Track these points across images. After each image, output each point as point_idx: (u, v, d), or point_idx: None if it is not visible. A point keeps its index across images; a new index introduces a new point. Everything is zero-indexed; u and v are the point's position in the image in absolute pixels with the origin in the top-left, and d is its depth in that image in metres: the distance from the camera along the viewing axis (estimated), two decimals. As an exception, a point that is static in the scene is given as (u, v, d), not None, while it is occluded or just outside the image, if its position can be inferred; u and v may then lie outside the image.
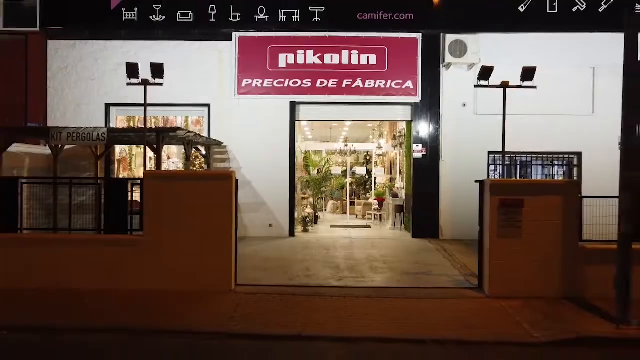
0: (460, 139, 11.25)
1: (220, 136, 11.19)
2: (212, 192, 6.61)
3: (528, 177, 11.71)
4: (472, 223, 11.30)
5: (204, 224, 6.55)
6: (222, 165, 11.40)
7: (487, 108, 11.11)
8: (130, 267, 6.55)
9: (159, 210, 6.54)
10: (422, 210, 11.31)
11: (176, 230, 6.53)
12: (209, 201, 6.57)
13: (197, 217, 6.54)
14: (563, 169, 12.40)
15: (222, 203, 6.60)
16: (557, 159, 11.76)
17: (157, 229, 6.54)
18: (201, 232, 6.54)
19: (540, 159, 11.67)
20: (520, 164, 11.68)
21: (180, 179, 6.77)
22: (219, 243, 6.61)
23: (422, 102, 11.27)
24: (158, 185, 6.60)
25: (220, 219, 6.60)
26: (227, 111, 11.35)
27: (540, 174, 11.84)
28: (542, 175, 11.81)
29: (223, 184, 6.67)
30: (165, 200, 6.56)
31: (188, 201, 6.54)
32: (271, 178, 11.34)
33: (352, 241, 10.96)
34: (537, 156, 11.56)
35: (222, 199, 6.61)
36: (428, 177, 11.29)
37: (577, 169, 11.40)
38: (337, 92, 11.27)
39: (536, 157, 11.61)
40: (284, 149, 11.39)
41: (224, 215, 6.61)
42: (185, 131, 7.79)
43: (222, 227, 6.62)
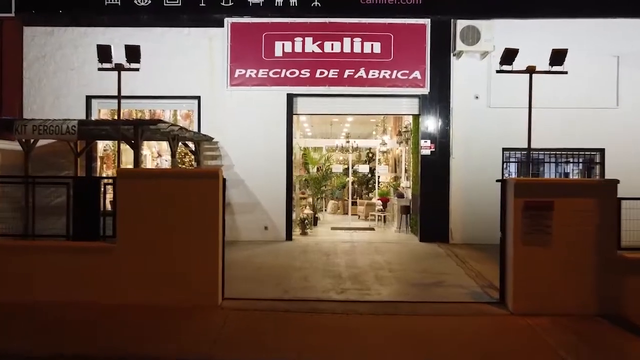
0: (472, 134, 10.48)
1: (211, 131, 10.42)
2: (196, 192, 5.85)
3: (540, 176, 10.94)
4: (485, 226, 10.57)
5: (186, 229, 5.80)
6: (212, 162, 10.63)
7: (502, 100, 10.36)
8: (101, 278, 5.80)
9: (134, 214, 5.79)
10: (431, 212, 10.54)
11: (154, 236, 5.78)
12: (192, 203, 5.82)
13: (178, 222, 5.79)
14: (579, 166, 11.65)
15: (208, 205, 5.85)
16: (578, 156, 10.99)
17: (131, 235, 5.79)
18: (183, 239, 5.79)
19: (558, 156, 10.91)
20: (532, 161, 10.90)
21: (159, 178, 6.01)
22: (203, 251, 5.85)
23: (430, 94, 10.49)
24: (133, 185, 5.84)
25: (205, 223, 5.85)
26: (219, 104, 10.58)
27: (554, 172, 11.07)
28: (555, 174, 11.03)
29: (208, 183, 5.91)
30: (142, 202, 5.80)
31: (168, 203, 5.79)
32: (266, 177, 10.58)
33: (355, 245, 10.20)
34: (554, 153, 10.79)
35: (207, 200, 5.86)
36: (437, 175, 10.52)
37: (600, 167, 10.62)
38: (338, 84, 10.50)
39: (554, 154, 10.84)
40: (280, 145, 10.62)
41: (209, 218, 5.86)
42: (168, 124, 7.03)
43: (207, 232, 5.87)
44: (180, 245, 5.79)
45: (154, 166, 13.75)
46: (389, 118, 15.14)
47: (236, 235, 10.54)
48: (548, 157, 10.95)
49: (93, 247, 5.85)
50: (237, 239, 10.50)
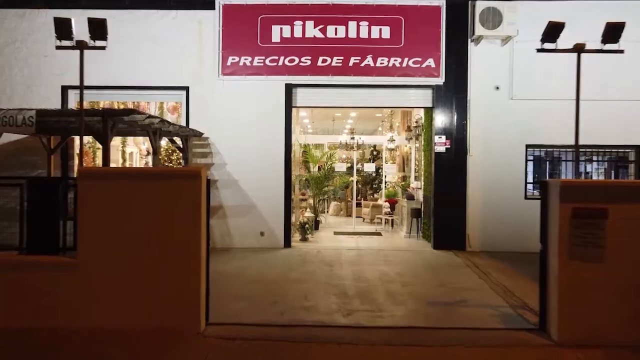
0: (492, 130, 9.53)
1: (200, 125, 9.49)
2: (174, 195, 4.92)
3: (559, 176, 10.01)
4: (506, 231, 9.64)
5: (162, 239, 4.87)
6: (202, 160, 9.70)
7: (525, 91, 9.42)
8: (59, 300, 4.87)
9: (99, 222, 4.86)
10: (445, 215, 9.60)
11: (123, 248, 4.85)
12: (169, 208, 4.89)
13: (152, 231, 4.87)
14: (604, 165, 10.71)
15: (188, 210, 4.91)
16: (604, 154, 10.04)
17: (95, 248, 4.86)
18: (158, 251, 4.86)
19: (580, 153, 9.93)
20: (550, 160, 9.96)
21: (130, 179, 5.07)
22: (182, 266, 4.92)
23: (445, 84, 9.55)
24: (98, 187, 4.90)
25: (185, 233, 4.92)
26: (209, 95, 9.65)
27: (573, 172, 10.09)
28: (574, 174, 10.05)
29: (189, 184, 4.97)
30: (109, 207, 4.87)
31: (140, 208, 4.87)
32: (263, 176, 9.65)
33: (361, 253, 9.27)
34: (574, 150, 9.79)
35: (188, 204, 4.92)
36: (452, 175, 9.58)
37: (635, 166, 9.67)
38: (342, 72, 9.56)
39: (573, 152, 9.84)
40: (278, 141, 9.69)
41: (190, 226, 4.92)
42: (144, 115, 6.09)
43: (187, 243, 4.93)
44: (155, 259, 4.86)
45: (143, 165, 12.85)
46: (396, 113, 14.21)
47: (229, 242, 9.63)
48: (565, 155, 9.97)
49: (49, 262, 4.93)
50: (230, 246, 9.59)
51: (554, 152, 9.85)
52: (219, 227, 9.65)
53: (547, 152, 9.81)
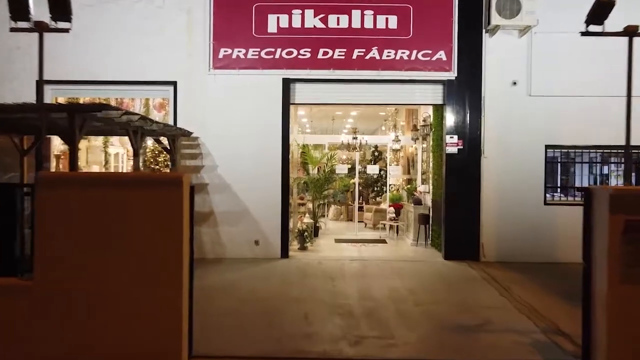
0: (509, 129, 8.83)
1: (189, 124, 8.75)
2: (151, 206, 4.16)
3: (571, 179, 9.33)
4: (524, 240, 8.92)
5: (136, 256, 4.11)
6: (191, 162, 8.96)
7: (546, 87, 8.73)
8: (12, 329, 4.12)
9: (60, 237, 4.11)
10: (457, 222, 8.89)
11: (88, 268, 4.09)
12: (145, 221, 4.13)
13: (124, 247, 4.11)
14: (618, 167, 10.00)
15: (167, 223, 4.15)
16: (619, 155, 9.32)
17: (56, 268, 4.10)
18: (131, 272, 4.10)
19: (593, 154, 9.24)
20: (562, 162, 9.25)
21: (99, 186, 4.32)
22: (160, 288, 4.16)
23: (458, 79, 8.84)
24: (60, 196, 4.15)
25: (164, 248, 4.16)
26: (199, 91, 8.92)
27: (587, 174, 9.39)
28: (590, 177, 9.37)
29: (168, 193, 4.21)
30: (73, 219, 4.11)
31: (110, 220, 4.11)
32: (257, 179, 8.92)
33: (365, 264, 8.54)
34: (590, 151, 9.11)
35: (167, 216, 4.15)
36: (465, 178, 8.87)
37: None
38: (345, 66, 8.84)
39: (586, 152, 9.14)
40: (274, 141, 8.96)
41: (169, 242, 4.16)
42: (121, 112, 5.35)
43: (166, 261, 4.17)
44: (128, 280, 4.11)
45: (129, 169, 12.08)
46: (400, 111, 13.49)
47: (221, 251, 8.90)
48: (580, 156, 9.25)
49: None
50: (222, 256, 8.86)
51: (575, 153, 9.13)
52: (209, 236, 8.92)
53: (567, 153, 9.10)
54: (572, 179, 9.50)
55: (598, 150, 9.04)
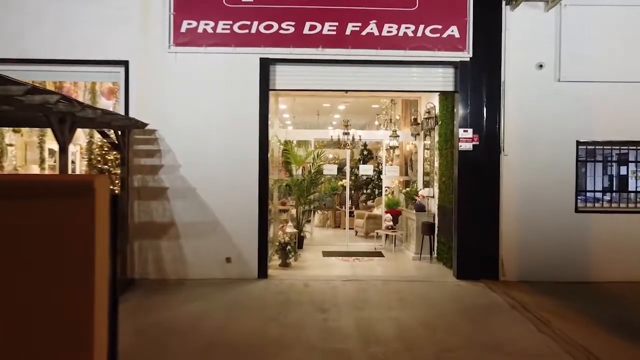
0: (533, 121, 7.52)
1: (145, 113, 7.23)
2: (47, 224, 2.63)
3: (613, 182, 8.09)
4: (552, 254, 7.51)
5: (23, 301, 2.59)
6: (147, 161, 7.42)
7: (578, 71, 7.45)
8: None
9: None
10: (472, 234, 7.54)
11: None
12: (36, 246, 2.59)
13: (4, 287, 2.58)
14: None
15: (70, 249, 2.63)
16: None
17: None
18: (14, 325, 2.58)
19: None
20: (596, 160, 7.99)
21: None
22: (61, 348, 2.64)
23: (473, 60, 7.48)
24: None
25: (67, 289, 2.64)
26: (157, 73, 7.39)
27: (627, 176, 8.15)
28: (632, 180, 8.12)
29: (72, 205, 2.69)
30: None
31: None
32: (230, 182, 7.44)
33: (362, 286, 7.11)
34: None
35: (70, 239, 2.63)
36: (481, 180, 7.53)
37: None
38: (336, 44, 7.41)
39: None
40: (250, 136, 7.48)
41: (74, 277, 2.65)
42: (24, 87, 3.82)
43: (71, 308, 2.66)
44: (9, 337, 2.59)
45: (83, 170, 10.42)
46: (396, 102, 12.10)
47: (183, 271, 7.38)
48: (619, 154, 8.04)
49: None
50: (185, 277, 7.35)
51: (612, 150, 7.87)
52: (170, 252, 7.39)
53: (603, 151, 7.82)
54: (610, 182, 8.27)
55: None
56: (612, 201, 7.99)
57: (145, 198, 7.40)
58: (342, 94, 9.80)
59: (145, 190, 7.39)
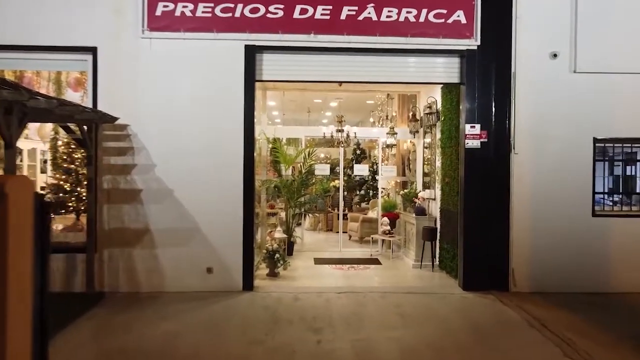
0: (547, 116, 6.90)
1: (116, 106, 6.51)
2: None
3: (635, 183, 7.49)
4: (567, 263, 6.89)
5: None
6: (118, 160, 6.68)
7: (596, 61, 6.86)
8: None
9: None
10: (480, 240, 6.90)
11: None
12: None
13: None
14: None
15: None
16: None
17: None
18: None
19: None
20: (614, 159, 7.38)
21: None
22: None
23: (481, 49, 6.84)
24: None
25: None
26: (129, 61, 6.66)
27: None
28: None
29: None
30: None
31: None
32: (211, 184, 6.73)
33: (359, 300, 6.43)
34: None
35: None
36: (490, 181, 6.89)
37: None
38: (330, 30, 6.74)
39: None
40: (234, 132, 6.78)
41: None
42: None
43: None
44: None
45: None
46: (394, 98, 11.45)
47: (159, 283, 6.66)
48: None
49: None
50: (161, 290, 6.63)
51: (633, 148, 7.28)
52: (145, 262, 6.66)
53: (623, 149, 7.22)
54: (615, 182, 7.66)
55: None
56: (622, 203, 7.42)
57: (116, 201, 6.65)
58: (335, 87, 9.13)
59: (116, 192, 6.65)
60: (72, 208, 7.02)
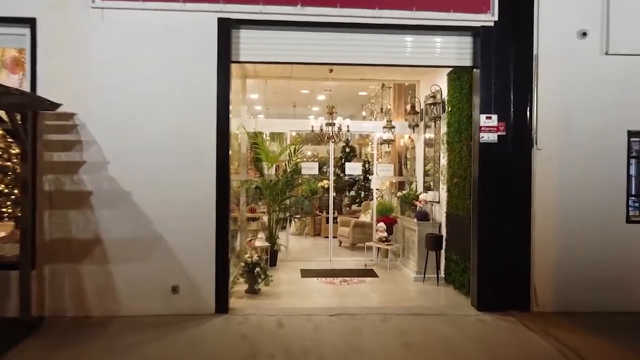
0: (575, 105, 5.96)
1: (59, 91, 5.41)
2: None
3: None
4: (600, 277, 6.02)
5: None
6: (63, 156, 5.58)
7: (631, 41, 5.90)
8: None
9: None
10: (497, 251, 5.92)
11: None
12: None
13: None
14: None
15: None
16: None
17: None
18: None
19: None
20: None
21: None
22: None
23: (498, 26, 5.87)
24: None
25: None
26: (76, 37, 5.56)
27: None
28: None
29: None
30: None
31: None
32: (177, 185, 5.66)
33: (355, 325, 5.41)
34: None
35: None
36: (508, 181, 5.92)
37: None
38: (321, 1, 5.72)
39: None
40: (205, 123, 5.71)
41: None
42: None
43: None
44: None
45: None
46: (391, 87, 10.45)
47: (112, 305, 5.57)
48: None
49: None
50: (115, 314, 5.55)
51: None
52: (95, 280, 5.57)
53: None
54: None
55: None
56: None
57: (61, 206, 5.54)
58: (324, 75, 8.13)
59: (60, 195, 5.54)
60: (8, 214, 5.87)
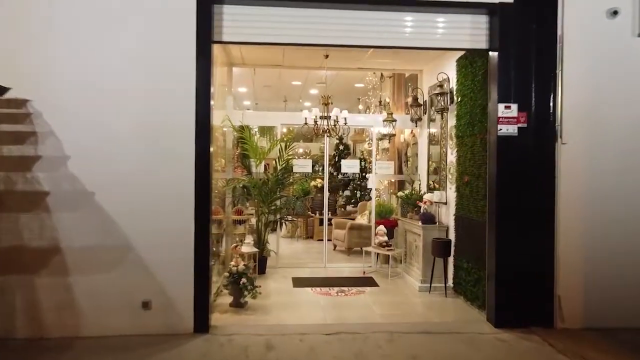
0: (604, 94, 5.29)
1: (9, 73, 4.65)
2: None
3: None
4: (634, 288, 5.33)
5: None
6: (14, 150, 4.81)
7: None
8: None
9: None
10: (515, 260, 5.24)
11: None
12: None
13: None
14: None
15: None
16: None
17: None
18: None
19: None
20: None
21: None
22: None
23: (518, 3, 5.18)
24: None
25: None
26: (30, 11, 4.79)
27: None
28: None
29: None
30: None
31: None
32: (149, 184, 4.92)
33: (356, 347, 4.70)
34: None
35: None
36: (529, 180, 5.24)
37: None
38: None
39: None
40: (182, 113, 4.97)
41: None
42: None
43: None
44: None
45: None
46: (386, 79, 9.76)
47: (74, 324, 4.84)
48: None
49: None
50: (76, 334, 4.81)
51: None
52: (52, 294, 4.81)
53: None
54: None
55: None
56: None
57: (12, 209, 4.77)
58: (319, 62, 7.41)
59: (10, 196, 4.77)
60: (-49, 218, 5.10)
